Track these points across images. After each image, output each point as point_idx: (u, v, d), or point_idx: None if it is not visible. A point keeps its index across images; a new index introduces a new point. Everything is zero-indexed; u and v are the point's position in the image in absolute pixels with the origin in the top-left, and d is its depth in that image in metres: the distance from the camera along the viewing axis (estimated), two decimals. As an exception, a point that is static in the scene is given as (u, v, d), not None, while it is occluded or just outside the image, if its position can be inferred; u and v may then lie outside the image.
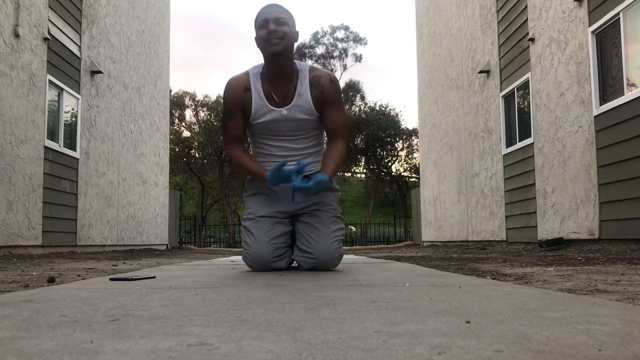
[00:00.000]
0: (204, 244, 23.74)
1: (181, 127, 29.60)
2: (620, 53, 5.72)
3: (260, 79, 2.65)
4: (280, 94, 2.63)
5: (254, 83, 2.64)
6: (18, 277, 2.85)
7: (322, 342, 0.85)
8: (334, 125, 2.70)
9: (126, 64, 10.76)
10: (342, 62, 33.88)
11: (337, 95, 2.69)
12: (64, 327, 1.00)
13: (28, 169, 6.97)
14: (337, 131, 2.71)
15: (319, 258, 2.61)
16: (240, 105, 2.65)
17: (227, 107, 2.69)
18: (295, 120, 2.65)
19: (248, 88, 2.64)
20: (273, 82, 2.62)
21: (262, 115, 2.65)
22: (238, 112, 2.67)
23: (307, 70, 2.68)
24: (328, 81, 2.67)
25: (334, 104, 2.68)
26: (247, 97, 2.64)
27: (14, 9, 6.77)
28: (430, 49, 13.27)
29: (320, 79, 2.66)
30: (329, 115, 2.68)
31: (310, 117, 2.66)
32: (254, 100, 2.63)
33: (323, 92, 2.64)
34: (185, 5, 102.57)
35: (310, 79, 2.65)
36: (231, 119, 2.69)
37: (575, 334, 0.89)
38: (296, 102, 2.63)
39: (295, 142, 2.72)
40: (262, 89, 2.63)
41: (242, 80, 2.66)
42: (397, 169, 29.39)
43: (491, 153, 9.31)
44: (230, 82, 2.69)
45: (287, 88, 2.63)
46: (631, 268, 3.01)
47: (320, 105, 2.66)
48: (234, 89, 2.65)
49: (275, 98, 2.62)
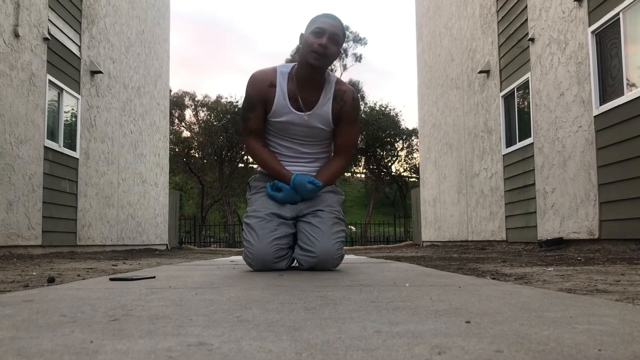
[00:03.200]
0: (204, 244, 23.74)
1: (181, 127, 29.60)
2: (620, 53, 5.72)
3: (287, 79, 2.67)
4: (304, 98, 2.66)
5: (280, 81, 2.67)
6: (18, 277, 2.85)
7: (322, 342, 0.85)
8: (344, 142, 2.78)
9: (126, 64, 10.76)
10: (342, 62, 33.89)
11: (355, 113, 2.76)
12: (64, 327, 1.00)
13: (28, 169, 6.97)
14: (345, 148, 2.79)
15: (319, 257, 2.61)
16: (263, 99, 2.68)
17: (250, 100, 2.70)
18: (312, 128, 2.70)
19: (273, 84, 2.66)
20: (300, 86, 2.65)
21: (281, 115, 2.68)
22: (260, 106, 2.69)
23: (334, 82, 2.73)
24: (350, 98, 2.73)
25: (350, 121, 2.75)
26: (271, 93, 2.66)
27: (14, 9, 6.77)
28: (430, 49, 13.27)
29: (344, 94, 2.72)
30: (341, 131, 2.75)
31: (326, 127, 2.72)
32: (277, 98, 2.66)
33: (344, 108, 2.71)
34: (190, 6, 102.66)
35: (335, 91, 2.70)
36: (252, 111, 2.71)
37: (575, 334, 0.89)
38: (317, 110, 2.68)
39: (306, 147, 2.76)
40: (287, 90, 2.66)
41: (268, 75, 2.68)
42: (397, 169, 29.40)
43: (491, 153, 9.31)
44: (256, 75, 2.70)
45: (312, 95, 2.67)
46: (631, 268, 3.01)
47: (337, 119, 2.72)
48: (260, 83, 2.67)
49: (298, 101, 2.66)
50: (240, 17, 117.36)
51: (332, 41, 2.56)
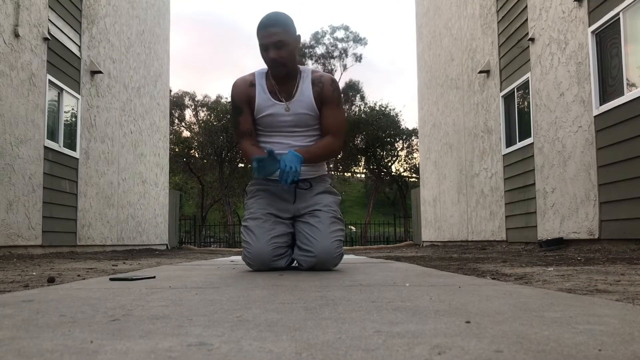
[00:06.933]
0: (203, 244, 23.74)
1: (181, 127, 29.60)
2: (620, 53, 5.72)
3: (265, 77, 2.80)
4: (283, 91, 2.77)
5: (259, 80, 2.80)
6: (18, 277, 2.85)
7: (322, 342, 0.85)
8: (329, 123, 2.80)
9: (126, 64, 10.76)
10: (342, 62, 33.90)
11: (335, 94, 2.80)
12: (64, 327, 1.00)
13: (28, 169, 6.96)
14: (331, 129, 2.80)
15: (319, 257, 2.62)
16: (247, 99, 2.79)
17: (236, 103, 2.83)
18: (297, 114, 2.76)
19: (253, 84, 2.80)
20: (277, 81, 2.77)
21: (265, 109, 2.76)
22: (246, 107, 2.80)
23: (309, 71, 2.84)
24: (329, 80, 2.82)
25: (332, 103, 2.79)
26: (252, 91, 2.79)
27: (14, 9, 6.77)
28: (430, 49, 13.27)
29: (321, 77, 2.81)
30: (325, 114, 2.79)
31: (311, 112, 2.77)
32: (258, 94, 2.77)
33: (323, 90, 2.77)
34: (195, 6, 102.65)
35: (312, 78, 2.79)
36: (240, 114, 2.82)
37: (575, 334, 0.89)
38: (298, 97, 2.76)
39: (295, 140, 2.79)
40: (266, 85, 2.78)
41: (247, 78, 2.85)
42: (397, 169, 29.40)
43: (491, 153, 9.31)
44: (237, 81, 2.86)
45: (290, 86, 2.77)
46: (631, 268, 3.01)
47: (320, 103, 2.77)
48: (241, 85, 2.81)
49: (278, 94, 2.76)
50: (245, 18, 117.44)
51: (279, 48, 2.62)
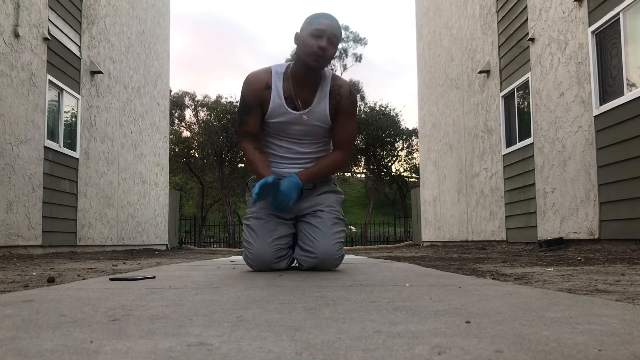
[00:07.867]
0: (204, 244, 23.74)
1: (181, 127, 29.60)
2: (620, 53, 5.72)
3: (282, 79, 2.65)
4: (300, 97, 2.64)
5: (275, 82, 2.64)
6: (18, 277, 2.85)
7: (322, 342, 0.85)
8: (342, 136, 2.74)
9: (126, 64, 10.76)
10: (342, 62, 33.91)
11: (352, 107, 2.72)
12: (64, 327, 1.00)
13: (28, 169, 6.96)
14: (343, 143, 2.75)
15: (320, 257, 2.60)
16: (259, 101, 2.65)
17: (246, 102, 2.67)
18: (310, 126, 2.67)
19: (269, 86, 2.64)
20: (296, 85, 2.63)
21: (277, 116, 2.65)
22: (256, 108, 2.66)
23: (329, 78, 2.70)
24: (347, 92, 2.70)
25: (347, 116, 2.71)
26: (266, 95, 2.63)
27: (14, 9, 6.77)
28: (430, 49, 13.27)
29: (340, 89, 2.69)
30: (339, 126, 2.72)
31: (324, 125, 2.69)
32: (273, 99, 2.63)
33: (340, 102, 2.67)
34: (195, 6, 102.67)
35: (331, 87, 2.67)
36: (249, 114, 2.67)
37: (575, 334, 0.89)
38: (314, 108, 2.65)
39: (303, 146, 2.73)
40: (282, 90, 2.63)
41: (263, 77, 2.65)
42: (397, 169, 29.41)
43: (491, 153, 9.31)
44: (251, 77, 2.67)
45: (308, 94, 2.64)
46: (631, 268, 3.01)
47: (334, 114, 2.69)
48: (255, 85, 2.65)
49: (294, 101, 2.63)
50: (246, 18, 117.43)
51: (330, 42, 2.54)
